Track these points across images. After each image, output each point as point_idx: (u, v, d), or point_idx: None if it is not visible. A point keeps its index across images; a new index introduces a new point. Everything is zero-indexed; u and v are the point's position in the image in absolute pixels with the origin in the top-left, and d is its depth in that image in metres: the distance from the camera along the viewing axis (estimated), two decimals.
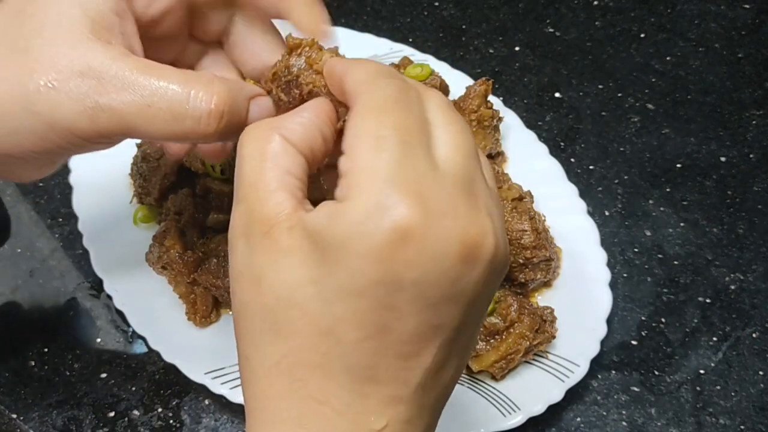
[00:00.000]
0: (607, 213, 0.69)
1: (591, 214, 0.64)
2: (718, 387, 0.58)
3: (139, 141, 0.62)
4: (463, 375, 0.55)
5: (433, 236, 0.27)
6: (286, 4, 0.38)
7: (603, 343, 0.56)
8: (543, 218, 0.60)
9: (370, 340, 0.28)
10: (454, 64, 0.74)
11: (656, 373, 0.59)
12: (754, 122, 0.77)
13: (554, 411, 0.55)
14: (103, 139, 0.34)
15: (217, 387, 0.52)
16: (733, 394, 0.58)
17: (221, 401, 0.54)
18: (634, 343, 0.60)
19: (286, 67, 0.35)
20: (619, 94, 0.80)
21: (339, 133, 0.33)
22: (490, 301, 0.32)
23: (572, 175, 0.70)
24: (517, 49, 0.84)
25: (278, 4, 0.38)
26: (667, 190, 0.71)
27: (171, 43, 0.41)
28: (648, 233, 0.68)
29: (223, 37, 0.42)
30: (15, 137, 0.33)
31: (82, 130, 0.33)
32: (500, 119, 0.67)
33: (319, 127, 0.32)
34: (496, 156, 0.67)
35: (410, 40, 0.82)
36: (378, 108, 0.29)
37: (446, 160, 0.29)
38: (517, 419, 0.52)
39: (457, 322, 0.29)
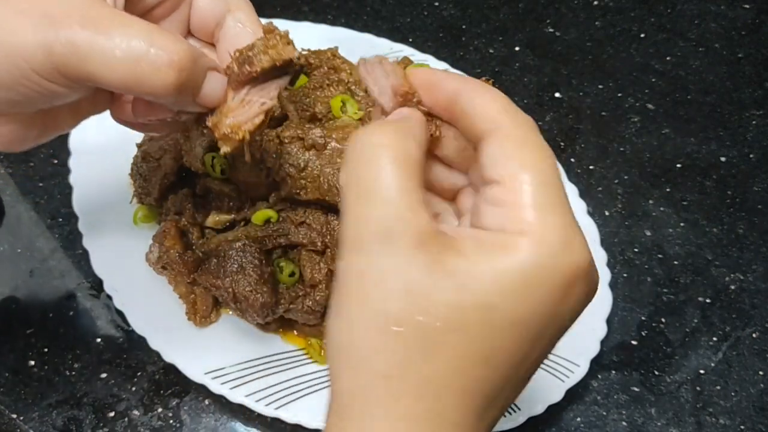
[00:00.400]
0: (607, 213, 0.69)
1: (591, 214, 0.64)
2: (718, 387, 0.58)
3: (139, 141, 0.62)
4: None
5: (591, 278, 0.30)
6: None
7: (603, 343, 0.56)
8: None
9: (514, 369, 0.29)
10: (454, 64, 0.74)
11: (656, 373, 0.59)
12: (754, 122, 0.77)
13: (554, 411, 0.55)
14: (59, 76, 0.33)
15: (217, 387, 0.52)
16: (733, 394, 0.58)
17: (221, 401, 0.54)
18: (634, 343, 0.61)
19: (251, 47, 0.37)
20: (619, 94, 0.80)
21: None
22: None
23: (572, 175, 0.70)
24: (517, 49, 0.84)
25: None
26: (667, 190, 0.71)
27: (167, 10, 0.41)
28: (648, 233, 0.68)
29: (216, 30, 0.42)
30: None
31: (40, 62, 0.33)
32: None
33: (427, 135, 0.32)
34: None
35: (410, 40, 0.82)
36: (531, 141, 0.30)
37: None
38: (518, 419, 0.52)
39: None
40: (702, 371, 0.59)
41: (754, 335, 0.61)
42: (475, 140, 0.31)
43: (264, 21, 0.40)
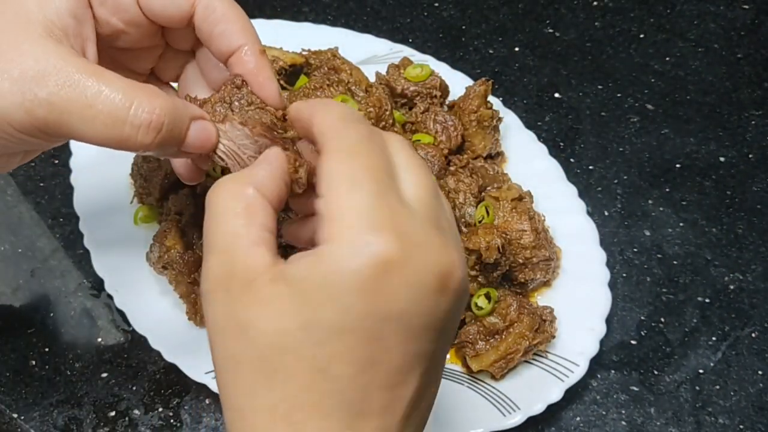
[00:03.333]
0: (606, 213, 0.69)
1: (590, 214, 0.64)
2: (718, 387, 0.58)
3: None
4: (462, 374, 0.55)
5: (412, 267, 0.29)
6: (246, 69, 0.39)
7: (602, 342, 0.56)
8: (543, 218, 0.60)
9: (361, 374, 0.29)
10: (454, 64, 0.75)
11: (655, 372, 0.59)
12: (753, 122, 0.77)
13: (554, 410, 0.55)
14: (40, 134, 0.34)
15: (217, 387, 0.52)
16: (732, 393, 0.58)
17: None
18: (633, 342, 0.61)
19: (222, 98, 0.38)
20: (619, 95, 0.80)
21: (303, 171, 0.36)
22: (456, 327, 0.34)
23: (572, 175, 0.70)
24: (516, 49, 0.84)
25: (237, 68, 0.39)
26: (667, 190, 0.71)
27: (145, 53, 0.42)
28: (647, 233, 0.68)
29: (195, 48, 0.43)
30: None
31: (19, 121, 0.33)
32: (500, 119, 0.67)
33: (282, 176, 0.34)
34: (495, 156, 0.67)
35: (410, 40, 0.83)
36: (349, 151, 0.31)
37: (415, 199, 0.31)
38: (517, 419, 0.52)
39: (434, 349, 0.31)
40: (701, 371, 0.59)
41: (753, 335, 0.62)
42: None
43: (258, 21, 0.40)
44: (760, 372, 0.59)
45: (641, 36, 0.86)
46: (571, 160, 0.73)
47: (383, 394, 0.30)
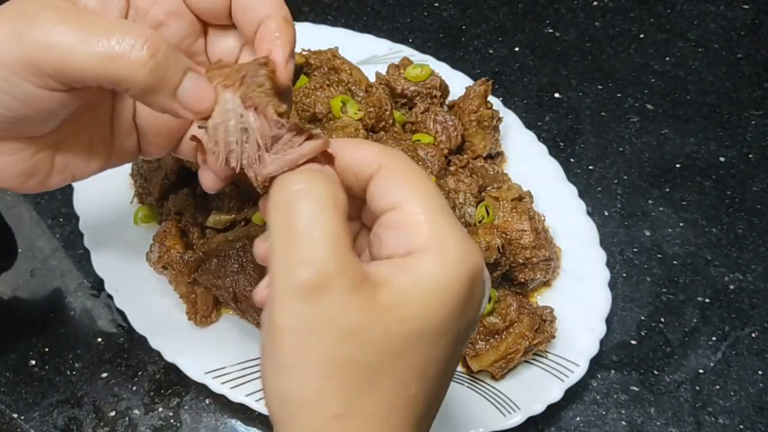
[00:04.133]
0: (606, 213, 0.69)
1: (590, 214, 0.64)
2: (718, 386, 0.58)
3: None
4: (463, 374, 0.55)
5: (486, 275, 0.32)
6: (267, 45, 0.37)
7: (602, 342, 0.56)
8: (543, 218, 0.60)
9: (442, 376, 0.32)
10: (454, 64, 0.75)
11: (655, 372, 0.59)
12: (753, 122, 0.77)
13: (554, 410, 0.55)
14: (34, 71, 0.32)
15: (217, 386, 0.52)
16: (732, 393, 0.58)
17: (222, 401, 0.54)
18: (633, 342, 0.61)
19: (239, 68, 0.35)
20: (619, 95, 0.80)
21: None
22: None
23: (572, 175, 0.70)
24: (516, 49, 0.84)
25: (260, 44, 0.37)
26: (667, 190, 0.71)
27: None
28: (647, 233, 0.68)
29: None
30: None
31: (13, 57, 0.32)
32: (500, 119, 0.67)
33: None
34: (496, 156, 0.67)
35: (410, 40, 0.83)
36: (413, 170, 0.33)
37: None
38: (517, 419, 0.52)
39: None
40: (701, 371, 0.59)
41: (753, 335, 0.62)
42: (364, 184, 0.33)
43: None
44: (760, 372, 0.59)
45: (641, 36, 0.86)
46: (571, 160, 0.73)
47: (440, 399, 0.32)
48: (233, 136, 0.34)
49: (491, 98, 0.66)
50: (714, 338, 0.61)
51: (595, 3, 0.90)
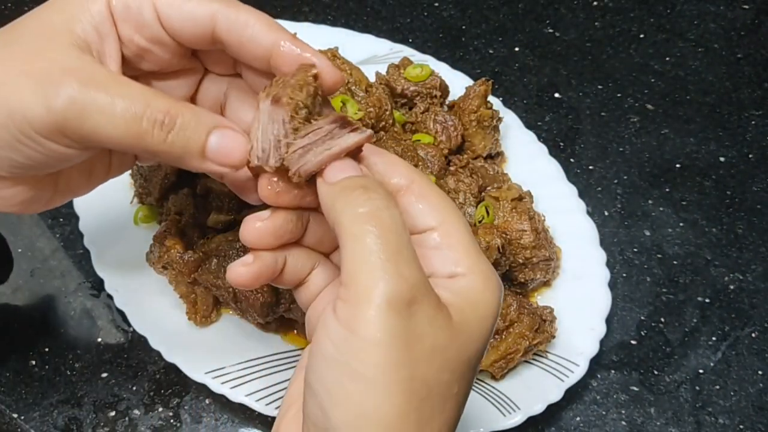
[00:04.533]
0: (606, 213, 0.69)
1: (590, 214, 0.64)
2: (717, 386, 0.58)
3: None
4: None
5: None
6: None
7: (602, 342, 0.56)
8: (543, 218, 0.60)
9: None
10: (454, 64, 0.75)
11: (655, 372, 0.59)
12: (753, 122, 0.78)
13: (554, 410, 0.55)
14: (59, 135, 0.33)
15: (217, 386, 0.52)
16: (732, 393, 0.58)
17: (222, 401, 0.54)
18: (633, 342, 0.61)
19: (284, 81, 0.35)
20: (619, 95, 0.80)
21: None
22: None
23: (572, 175, 0.70)
24: (516, 49, 0.84)
25: (284, 64, 0.37)
26: (667, 190, 0.71)
27: (181, 78, 0.41)
28: (647, 233, 0.68)
29: (238, 70, 0.41)
30: None
31: (39, 120, 0.33)
32: (500, 119, 0.67)
33: None
34: (495, 156, 0.67)
35: (410, 40, 0.83)
36: (442, 194, 0.34)
37: None
38: (517, 419, 0.52)
39: None
40: (701, 371, 0.59)
41: (753, 335, 0.62)
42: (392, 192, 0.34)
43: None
44: (760, 372, 0.59)
45: (641, 36, 0.86)
46: (571, 160, 0.73)
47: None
48: (270, 136, 0.34)
49: (491, 98, 0.66)
50: (714, 338, 0.61)
51: (595, 3, 0.90)
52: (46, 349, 0.57)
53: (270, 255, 0.36)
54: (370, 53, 0.74)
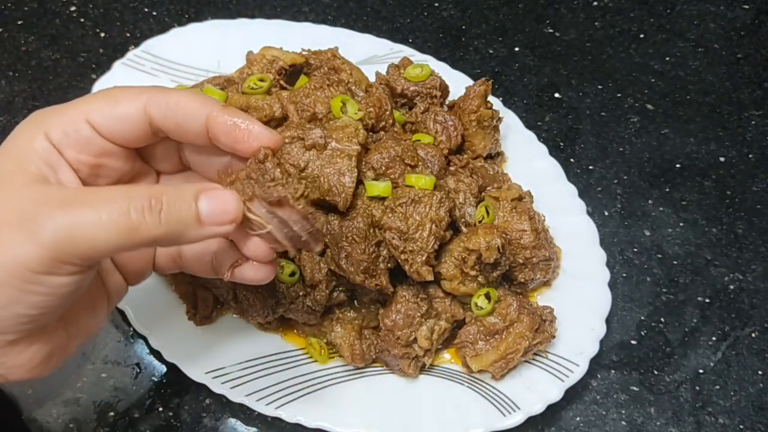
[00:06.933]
0: (606, 213, 0.69)
1: (590, 214, 0.64)
2: (717, 386, 0.58)
3: None
4: (462, 374, 0.55)
5: None
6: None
7: (602, 342, 0.56)
8: (543, 218, 0.60)
9: None
10: (454, 64, 0.75)
11: (655, 372, 0.59)
12: (753, 122, 0.78)
13: (554, 410, 0.55)
14: (56, 264, 0.33)
15: (217, 386, 0.52)
16: (732, 393, 0.58)
17: (221, 400, 0.54)
18: (633, 342, 0.61)
19: (248, 175, 0.39)
20: (619, 95, 0.80)
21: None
22: None
23: (572, 175, 0.70)
24: (516, 49, 0.84)
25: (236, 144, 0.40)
26: (667, 190, 0.71)
27: (139, 182, 0.42)
28: (647, 233, 0.68)
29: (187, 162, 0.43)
30: None
31: (34, 259, 0.32)
32: (500, 119, 0.67)
33: None
34: (495, 156, 0.67)
35: (410, 40, 0.83)
36: None
37: None
38: (517, 418, 0.52)
39: None
40: (701, 371, 0.59)
41: (753, 335, 0.62)
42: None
43: (258, 22, 0.41)
44: (760, 372, 0.59)
45: (641, 36, 0.86)
46: (571, 160, 0.73)
47: None
48: (281, 231, 0.38)
49: (491, 98, 0.66)
50: (714, 338, 0.61)
51: (595, 3, 0.90)
52: None
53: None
54: (370, 53, 0.74)
